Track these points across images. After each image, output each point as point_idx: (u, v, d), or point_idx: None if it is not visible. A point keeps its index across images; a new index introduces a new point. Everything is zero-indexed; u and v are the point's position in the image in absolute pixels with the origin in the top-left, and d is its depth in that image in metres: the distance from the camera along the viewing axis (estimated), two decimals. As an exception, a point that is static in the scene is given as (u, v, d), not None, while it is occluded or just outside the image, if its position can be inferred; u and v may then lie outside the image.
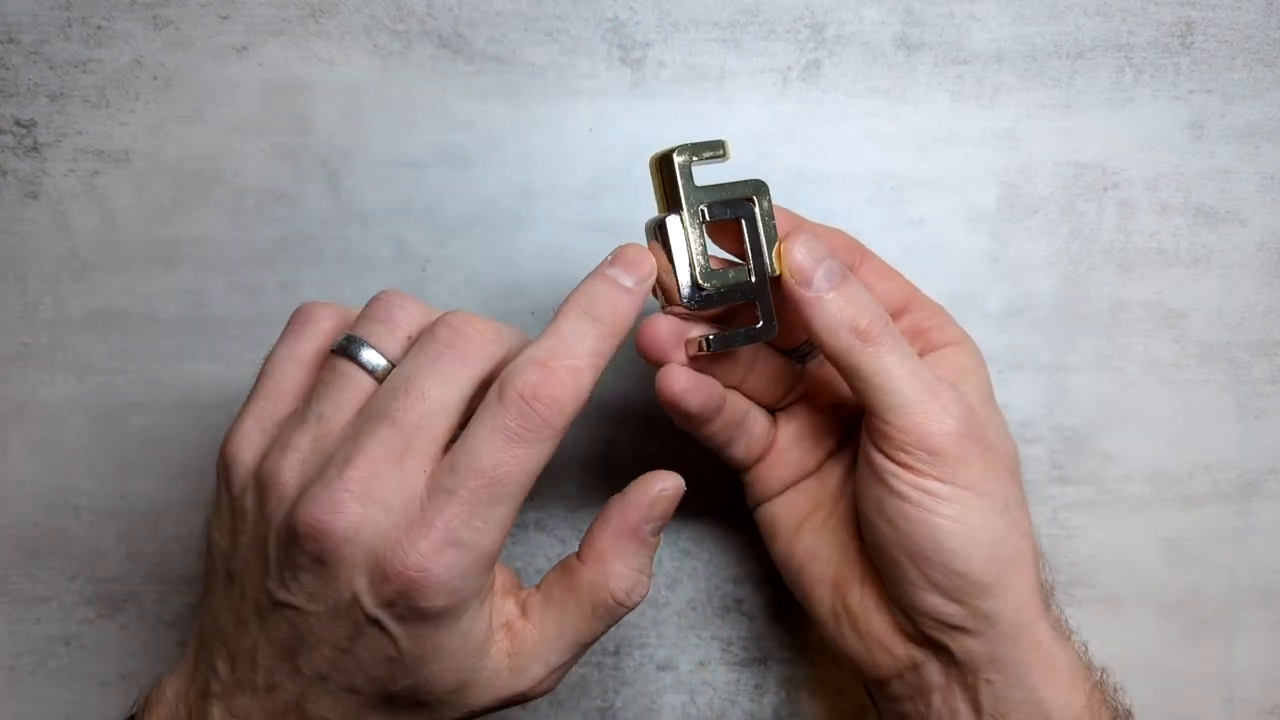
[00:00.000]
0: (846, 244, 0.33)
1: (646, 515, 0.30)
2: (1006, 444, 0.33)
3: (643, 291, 0.30)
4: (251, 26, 0.39)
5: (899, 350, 0.30)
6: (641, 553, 0.30)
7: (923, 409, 0.30)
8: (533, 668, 0.29)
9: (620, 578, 0.30)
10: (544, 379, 0.27)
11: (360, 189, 0.39)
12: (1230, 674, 0.41)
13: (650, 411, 0.40)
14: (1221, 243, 0.40)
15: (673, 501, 0.31)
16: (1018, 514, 0.31)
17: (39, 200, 0.39)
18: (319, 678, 0.27)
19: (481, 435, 0.27)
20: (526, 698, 0.30)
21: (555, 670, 0.30)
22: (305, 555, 0.26)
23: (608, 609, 0.30)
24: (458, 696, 0.29)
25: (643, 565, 0.30)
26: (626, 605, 0.30)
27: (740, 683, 0.40)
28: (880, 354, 0.30)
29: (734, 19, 0.39)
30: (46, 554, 0.40)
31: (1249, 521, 0.41)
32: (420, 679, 0.28)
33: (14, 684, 0.41)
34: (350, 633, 0.27)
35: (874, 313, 0.30)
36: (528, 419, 0.27)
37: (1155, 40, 0.40)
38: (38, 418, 0.40)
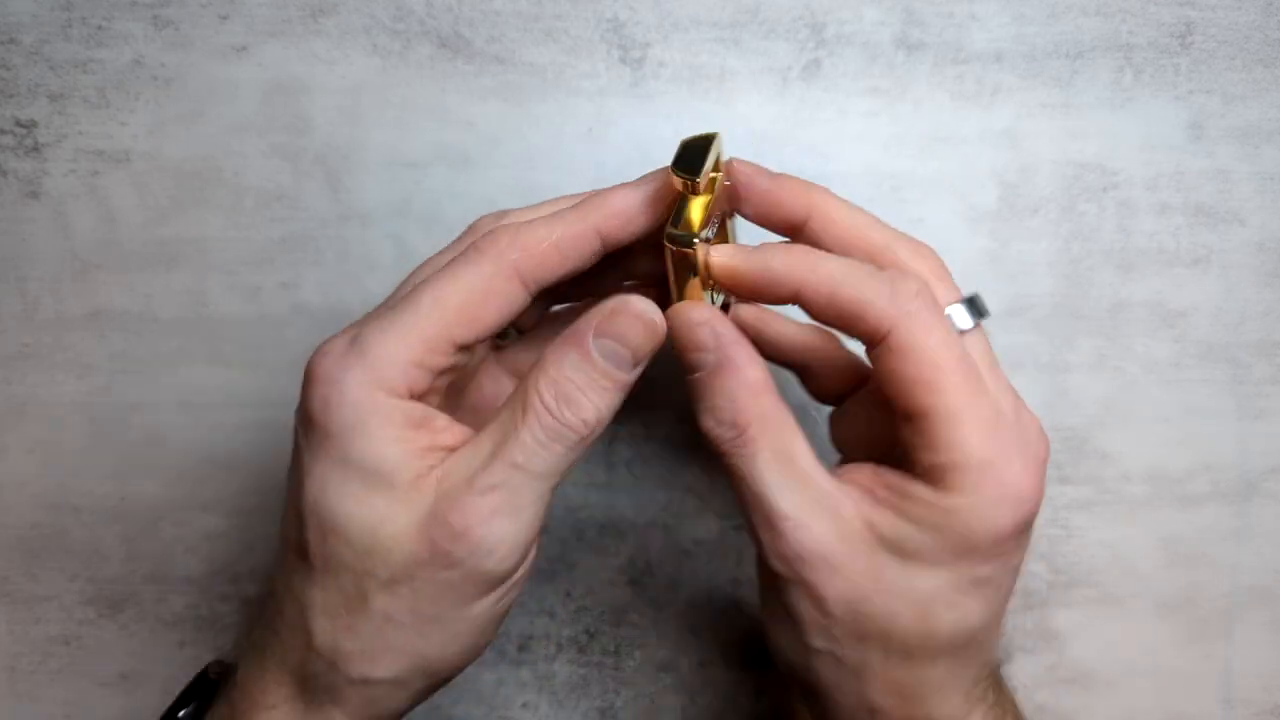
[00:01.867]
0: (792, 197, 0.29)
1: (599, 326, 0.26)
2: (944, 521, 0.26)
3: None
4: (251, 26, 0.39)
5: (773, 457, 0.27)
6: (581, 364, 0.26)
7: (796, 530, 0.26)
8: (457, 481, 0.26)
9: (547, 379, 0.26)
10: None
11: (360, 189, 0.39)
12: (1230, 674, 0.41)
13: (651, 411, 0.40)
14: (1221, 243, 0.40)
15: (636, 324, 0.26)
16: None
17: (39, 200, 0.39)
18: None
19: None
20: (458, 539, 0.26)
21: (495, 491, 0.26)
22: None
23: (533, 410, 0.26)
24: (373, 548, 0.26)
25: (578, 378, 0.26)
26: (550, 409, 0.26)
27: (740, 683, 0.40)
28: (749, 457, 0.27)
29: (734, 19, 0.39)
30: (46, 554, 0.40)
31: (1249, 521, 0.41)
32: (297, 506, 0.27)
33: (14, 684, 0.41)
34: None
35: (742, 407, 0.27)
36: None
37: (1155, 40, 0.40)
38: (38, 418, 0.40)
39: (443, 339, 0.27)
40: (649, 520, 0.40)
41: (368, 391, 0.26)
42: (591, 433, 0.27)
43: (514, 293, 0.27)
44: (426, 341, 0.26)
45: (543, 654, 0.40)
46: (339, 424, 0.26)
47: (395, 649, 0.27)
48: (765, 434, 0.27)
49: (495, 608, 0.28)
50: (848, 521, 0.27)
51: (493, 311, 0.27)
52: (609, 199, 0.28)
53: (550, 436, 0.26)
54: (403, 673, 0.27)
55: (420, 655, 0.27)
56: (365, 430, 0.26)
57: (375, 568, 0.26)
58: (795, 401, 0.40)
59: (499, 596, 0.28)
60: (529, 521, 0.27)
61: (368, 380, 0.26)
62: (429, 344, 0.26)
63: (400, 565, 0.26)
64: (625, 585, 0.40)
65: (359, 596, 0.26)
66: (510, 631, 0.40)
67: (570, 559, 0.40)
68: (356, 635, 0.27)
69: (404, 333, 0.26)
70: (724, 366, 0.27)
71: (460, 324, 0.27)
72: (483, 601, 0.27)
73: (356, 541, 0.26)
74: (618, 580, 0.40)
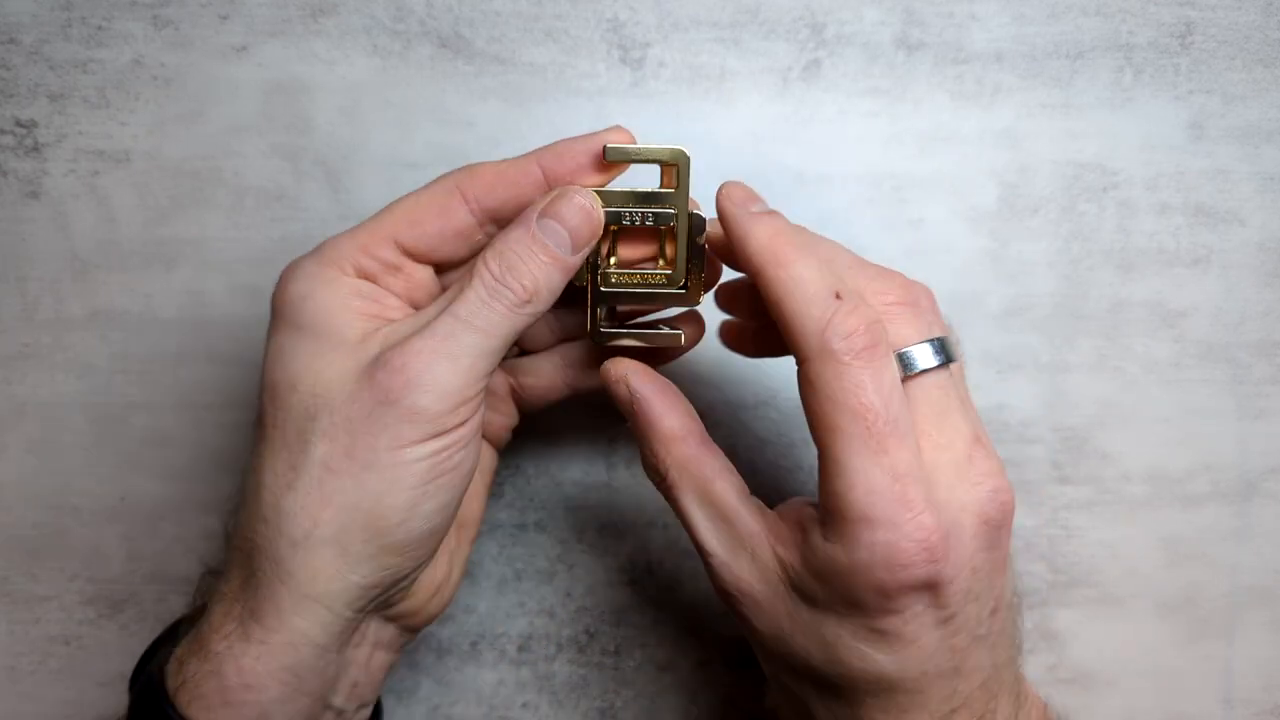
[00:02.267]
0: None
1: (542, 210, 0.29)
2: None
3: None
4: (251, 26, 0.39)
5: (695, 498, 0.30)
6: (523, 238, 0.28)
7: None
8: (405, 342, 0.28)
9: (494, 251, 0.28)
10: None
11: (360, 189, 0.39)
12: (1230, 674, 0.41)
13: (650, 411, 0.40)
14: (1221, 243, 0.40)
15: (572, 206, 0.29)
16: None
17: (39, 200, 0.39)
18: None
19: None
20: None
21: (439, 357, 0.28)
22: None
23: (479, 274, 0.28)
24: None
25: (520, 249, 0.28)
26: (494, 273, 0.28)
27: (740, 683, 0.40)
28: (675, 500, 0.30)
29: (734, 19, 0.39)
30: (46, 554, 0.40)
31: (1249, 521, 0.41)
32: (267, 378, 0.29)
33: (14, 684, 0.41)
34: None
35: (660, 455, 0.30)
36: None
37: (1155, 40, 0.40)
38: (38, 418, 0.40)
39: (387, 234, 0.30)
40: (649, 520, 0.40)
41: (317, 268, 0.29)
42: (530, 299, 0.28)
43: (454, 206, 0.30)
44: (371, 235, 0.30)
45: (543, 654, 0.40)
46: (292, 296, 0.29)
47: (334, 501, 0.28)
48: (684, 479, 0.30)
49: (429, 462, 0.28)
50: (765, 562, 0.29)
51: (432, 218, 0.30)
52: (560, 142, 0.30)
53: (491, 294, 0.28)
54: (342, 529, 0.28)
55: (357, 506, 0.28)
56: (315, 297, 0.29)
57: (317, 412, 0.28)
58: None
59: (432, 450, 0.28)
60: (466, 370, 0.28)
61: (319, 259, 0.29)
62: (373, 237, 0.30)
63: (340, 406, 0.28)
64: (625, 585, 0.40)
65: (300, 445, 0.28)
66: (510, 632, 0.40)
67: (570, 559, 0.40)
68: (296, 491, 0.28)
69: (353, 231, 0.30)
70: (639, 419, 0.30)
71: (402, 225, 0.30)
72: (418, 448, 0.28)
73: (302, 388, 0.28)
74: (618, 580, 0.40)
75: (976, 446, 0.28)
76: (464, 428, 0.28)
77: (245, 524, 0.29)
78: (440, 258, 0.30)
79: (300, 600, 0.28)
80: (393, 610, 0.31)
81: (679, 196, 0.30)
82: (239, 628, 0.28)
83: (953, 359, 0.29)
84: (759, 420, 0.40)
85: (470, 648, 0.40)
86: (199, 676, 0.28)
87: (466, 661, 0.40)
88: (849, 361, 0.26)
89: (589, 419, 0.40)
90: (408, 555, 0.29)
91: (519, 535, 0.40)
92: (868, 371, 0.26)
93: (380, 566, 0.28)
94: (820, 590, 0.27)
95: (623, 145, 0.30)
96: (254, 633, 0.28)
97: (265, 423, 0.29)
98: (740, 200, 0.29)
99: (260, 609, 0.28)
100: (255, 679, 0.28)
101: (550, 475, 0.40)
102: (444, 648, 0.40)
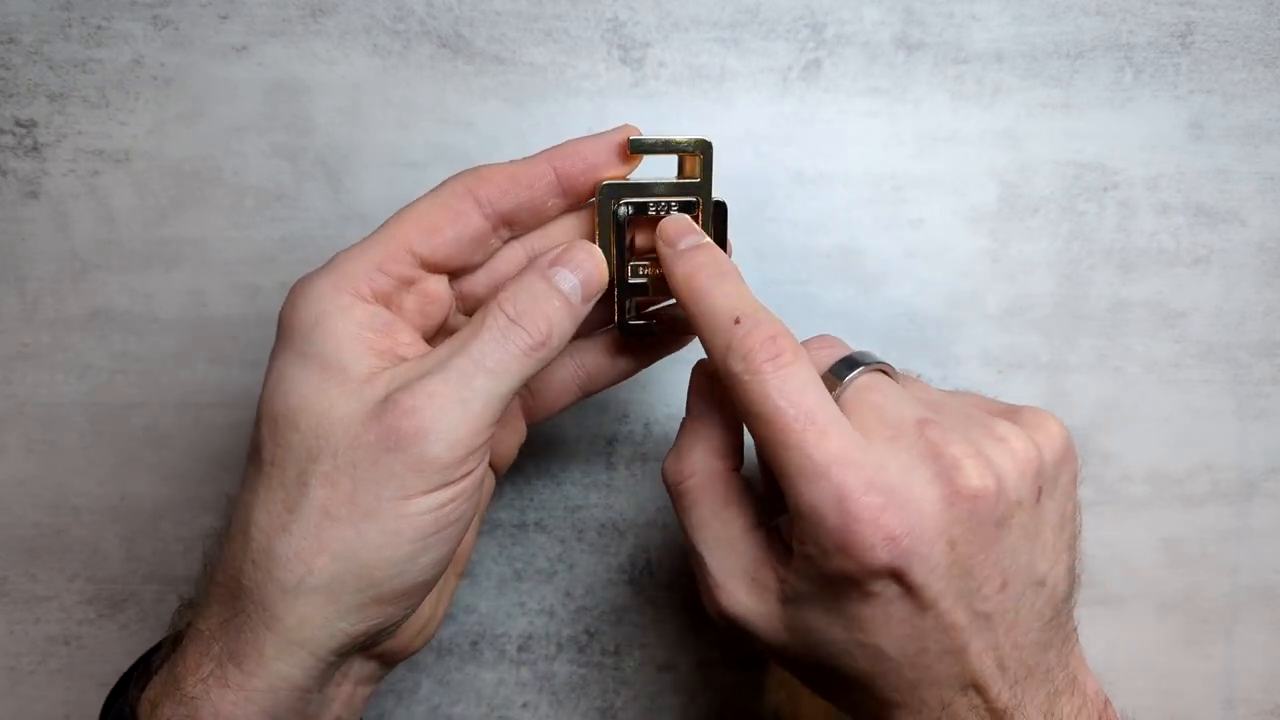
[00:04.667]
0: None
1: (555, 258, 0.29)
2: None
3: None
4: (251, 26, 0.39)
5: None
6: (538, 283, 0.29)
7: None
8: (409, 381, 0.27)
9: (508, 295, 0.28)
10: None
11: (360, 189, 0.39)
12: (1230, 674, 0.41)
13: (651, 411, 0.40)
14: (1221, 243, 0.40)
15: (586, 257, 0.29)
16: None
17: (39, 200, 0.39)
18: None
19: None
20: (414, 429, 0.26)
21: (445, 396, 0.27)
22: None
23: (493, 316, 0.28)
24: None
25: (537, 294, 0.28)
26: (509, 315, 0.28)
27: (740, 684, 0.40)
28: (684, 509, 0.30)
29: (734, 19, 0.39)
30: (46, 554, 0.40)
31: (1249, 521, 0.41)
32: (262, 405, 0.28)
33: (14, 684, 0.41)
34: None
35: (685, 466, 0.31)
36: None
37: (1155, 40, 0.40)
38: (38, 418, 0.40)
39: (402, 248, 0.29)
40: (649, 520, 0.40)
41: (331, 291, 0.28)
42: (542, 345, 0.28)
43: (468, 211, 0.29)
44: (386, 249, 0.29)
45: (543, 654, 0.40)
46: (302, 320, 0.28)
47: (330, 548, 0.26)
48: (704, 496, 0.30)
49: (437, 513, 0.27)
50: (763, 583, 0.29)
51: (447, 225, 0.29)
52: (570, 142, 0.30)
53: (506, 336, 0.28)
54: (335, 578, 0.26)
55: (354, 556, 0.26)
56: (325, 325, 0.28)
57: (320, 453, 0.27)
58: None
59: (441, 501, 0.27)
60: (476, 415, 0.27)
61: (333, 281, 0.28)
62: (389, 251, 0.28)
63: (345, 448, 0.26)
64: (625, 585, 0.40)
65: (299, 487, 0.27)
66: (510, 632, 0.40)
67: (570, 559, 0.40)
68: (290, 535, 0.26)
69: (367, 244, 0.29)
70: (699, 421, 0.31)
71: (417, 235, 0.29)
72: (423, 500, 0.27)
73: (305, 427, 0.27)
74: (618, 580, 0.40)
75: (927, 427, 0.28)
76: (468, 479, 0.28)
77: (230, 562, 0.27)
78: (455, 265, 0.30)
79: (285, 646, 0.27)
80: (377, 649, 0.30)
81: (704, 186, 0.31)
82: (217, 669, 0.27)
83: (875, 364, 0.30)
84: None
85: (470, 648, 0.40)
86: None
87: (466, 661, 0.40)
88: (750, 378, 0.27)
89: (589, 419, 0.40)
90: (399, 605, 0.28)
91: (519, 535, 0.40)
92: (773, 380, 0.27)
93: (370, 615, 0.28)
94: (808, 591, 0.28)
95: (645, 137, 0.30)
96: (233, 677, 0.27)
97: (263, 457, 0.27)
98: (671, 237, 0.30)
99: (241, 652, 0.27)
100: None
101: (550, 475, 0.40)
102: (444, 648, 0.40)
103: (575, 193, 0.30)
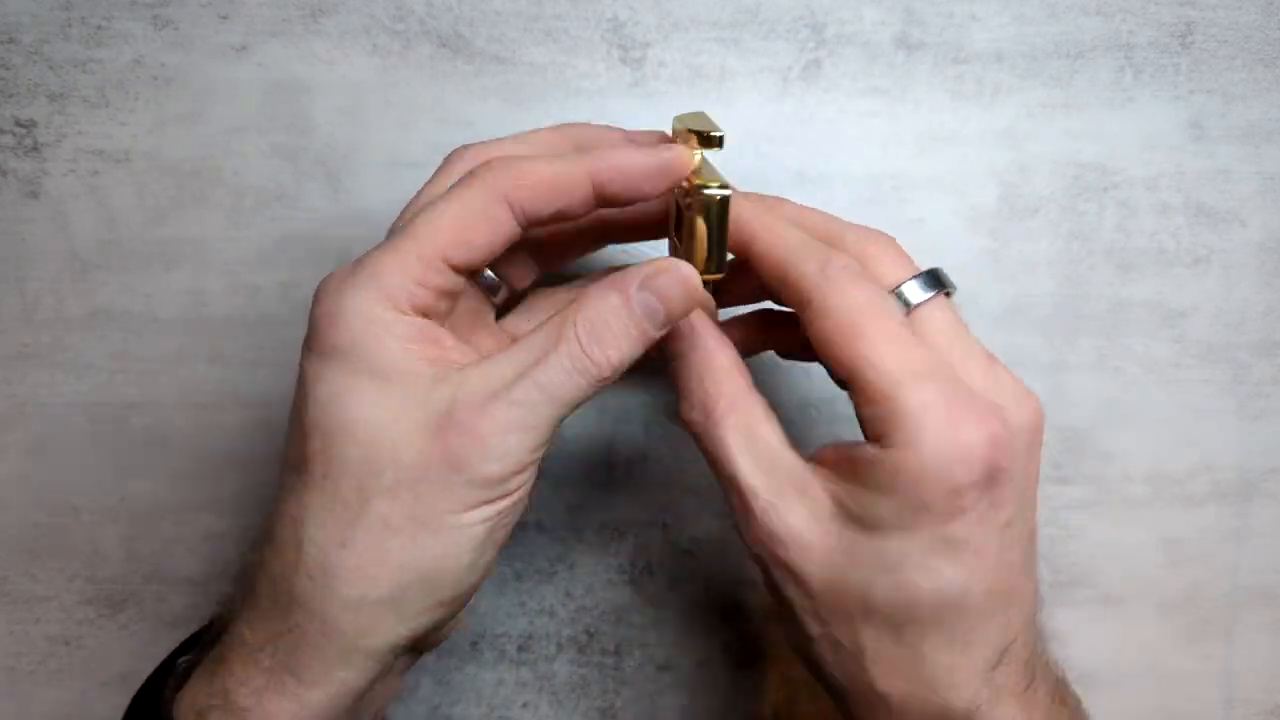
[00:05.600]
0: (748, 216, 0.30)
1: (644, 280, 0.27)
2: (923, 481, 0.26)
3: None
4: (251, 26, 0.39)
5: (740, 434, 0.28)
6: (619, 309, 0.27)
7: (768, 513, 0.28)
8: (470, 380, 0.27)
9: (584, 316, 0.27)
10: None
11: (360, 189, 0.39)
12: (1230, 674, 0.41)
13: (651, 412, 0.40)
14: (1221, 243, 0.40)
15: (677, 286, 0.27)
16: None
17: (39, 200, 0.39)
18: None
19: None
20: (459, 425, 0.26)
21: (499, 408, 0.26)
22: None
23: (566, 340, 0.27)
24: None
25: (614, 321, 0.27)
26: (582, 342, 0.27)
27: (740, 683, 0.40)
28: (719, 439, 0.28)
29: (734, 19, 0.39)
30: (46, 554, 0.40)
31: (1249, 521, 0.41)
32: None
33: (14, 684, 0.41)
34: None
35: (710, 390, 0.29)
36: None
37: (1155, 40, 0.40)
38: (38, 418, 0.40)
39: (438, 258, 0.27)
40: (649, 520, 0.40)
41: (374, 306, 0.27)
42: (612, 374, 0.27)
43: (504, 218, 0.28)
44: (424, 260, 0.27)
45: (543, 654, 0.40)
46: (349, 336, 0.27)
47: (391, 560, 0.26)
48: (733, 414, 0.28)
49: (489, 524, 0.27)
50: (816, 499, 0.28)
51: (484, 234, 0.28)
52: (614, 153, 0.29)
53: (576, 367, 0.27)
54: (397, 588, 0.27)
55: (415, 568, 0.27)
56: (376, 339, 0.27)
57: (382, 468, 0.26)
58: (799, 398, 0.40)
59: (493, 513, 0.27)
60: (536, 441, 0.27)
61: (373, 296, 0.27)
62: (426, 262, 0.27)
63: (407, 465, 0.26)
64: (625, 585, 0.40)
65: (360, 502, 0.26)
66: (510, 632, 0.40)
67: (570, 559, 0.40)
68: (351, 548, 0.26)
69: (402, 254, 0.27)
70: (695, 352, 0.29)
71: (453, 245, 0.28)
72: (478, 511, 0.27)
73: (364, 441, 0.26)
74: (618, 580, 0.40)
75: (995, 363, 0.28)
76: (521, 490, 0.28)
77: (280, 575, 0.27)
78: (481, 266, 0.29)
79: (348, 654, 0.27)
80: (423, 643, 0.31)
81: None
82: (271, 681, 0.27)
83: (946, 287, 0.29)
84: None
85: (470, 648, 0.40)
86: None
87: (466, 661, 0.40)
88: (851, 283, 0.27)
89: (589, 419, 0.40)
90: (457, 605, 0.29)
91: (519, 535, 0.40)
92: (873, 290, 0.27)
93: (431, 620, 0.28)
94: (884, 507, 0.26)
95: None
96: (289, 686, 0.27)
97: (313, 470, 0.27)
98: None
99: (300, 664, 0.27)
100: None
101: (550, 475, 0.40)
102: (444, 648, 0.40)
103: (608, 203, 0.29)
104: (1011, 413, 0.27)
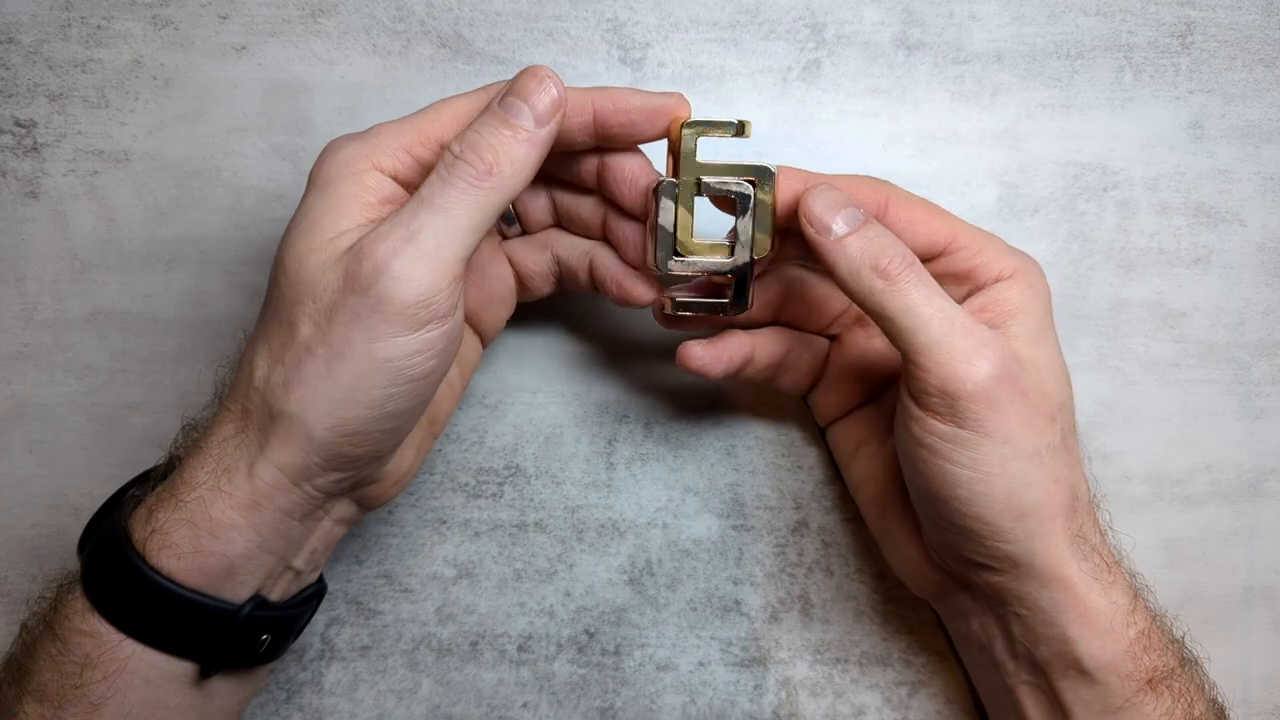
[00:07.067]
0: (870, 190, 0.33)
1: (502, 90, 0.30)
2: (1049, 385, 0.32)
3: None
4: (251, 26, 0.39)
5: (924, 289, 0.30)
6: (485, 118, 0.30)
7: (949, 351, 0.30)
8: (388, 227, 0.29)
9: (459, 137, 0.29)
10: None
11: (360, 189, 0.39)
12: (1231, 674, 0.41)
13: (651, 411, 0.40)
14: (1221, 243, 0.40)
15: (531, 80, 0.30)
16: (1052, 460, 0.31)
17: (39, 200, 0.39)
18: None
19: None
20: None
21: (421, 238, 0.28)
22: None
23: (443, 159, 0.29)
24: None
25: (482, 129, 0.29)
26: (456, 154, 0.29)
27: (740, 683, 0.40)
28: (904, 292, 0.30)
29: (734, 19, 0.39)
30: (46, 554, 0.40)
31: (1249, 521, 0.41)
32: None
33: (14, 684, 0.41)
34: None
35: (894, 252, 0.31)
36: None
37: (1155, 40, 0.40)
38: (38, 418, 0.40)
39: (433, 137, 0.30)
40: (649, 520, 0.40)
41: (354, 156, 0.30)
42: (488, 174, 0.29)
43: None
44: (419, 133, 0.30)
45: (543, 654, 0.40)
46: (321, 176, 0.30)
47: (307, 383, 0.29)
48: (910, 271, 0.31)
49: (404, 362, 0.29)
50: (986, 344, 0.31)
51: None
52: (617, 90, 0.32)
53: (453, 173, 0.29)
54: (309, 409, 0.29)
55: (326, 395, 0.29)
56: (337, 184, 0.30)
57: (302, 295, 0.29)
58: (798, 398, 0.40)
59: (408, 350, 0.29)
60: (431, 254, 0.28)
61: (361, 151, 0.30)
62: (421, 135, 0.30)
63: (322, 294, 0.29)
64: (625, 585, 0.40)
65: (289, 326, 0.29)
66: (510, 632, 0.40)
67: (570, 559, 0.40)
68: (282, 366, 0.29)
69: (404, 125, 0.31)
70: (872, 223, 0.31)
71: (452, 130, 0.30)
72: (390, 345, 0.28)
73: (290, 271, 0.29)
74: (618, 580, 0.40)
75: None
76: (436, 332, 0.29)
77: (238, 389, 0.30)
78: None
79: (267, 466, 0.29)
80: (357, 493, 0.33)
81: (762, 205, 0.33)
82: (211, 480, 0.30)
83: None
84: (759, 419, 0.40)
85: (470, 648, 0.40)
86: (169, 525, 0.29)
87: (466, 661, 0.40)
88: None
89: (589, 419, 0.40)
90: (366, 449, 0.30)
91: (519, 535, 0.40)
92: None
93: (338, 453, 0.30)
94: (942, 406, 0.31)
95: (701, 120, 0.32)
96: (224, 486, 0.29)
97: (270, 295, 0.30)
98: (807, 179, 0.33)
99: (235, 467, 0.30)
100: (224, 531, 0.29)
101: (550, 475, 0.40)
102: (444, 648, 0.40)
103: (602, 139, 0.32)
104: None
